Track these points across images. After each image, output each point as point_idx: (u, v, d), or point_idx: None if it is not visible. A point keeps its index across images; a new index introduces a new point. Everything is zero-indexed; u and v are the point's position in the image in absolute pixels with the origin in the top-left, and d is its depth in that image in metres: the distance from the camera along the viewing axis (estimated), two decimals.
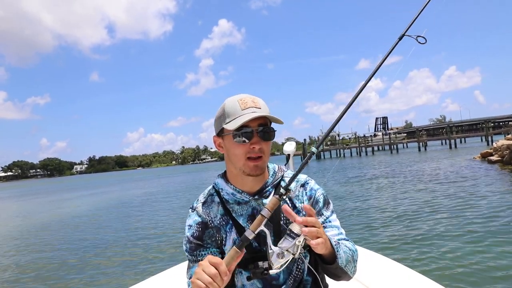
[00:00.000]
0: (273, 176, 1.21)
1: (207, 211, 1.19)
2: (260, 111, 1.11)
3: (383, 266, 2.50)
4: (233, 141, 1.11)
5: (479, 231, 6.28)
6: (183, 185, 28.03)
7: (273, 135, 1.14)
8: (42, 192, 42.04)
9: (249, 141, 1.09)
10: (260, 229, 0.97)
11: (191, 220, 1.19)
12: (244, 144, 1.10)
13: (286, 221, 1.16)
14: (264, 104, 1.15)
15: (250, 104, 1.11)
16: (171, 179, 40.91)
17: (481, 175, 14.11)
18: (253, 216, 1.15)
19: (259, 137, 1.10)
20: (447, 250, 5.49)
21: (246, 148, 1.10)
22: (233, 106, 1.12)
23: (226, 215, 1.17)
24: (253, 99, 1.14)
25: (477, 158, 21.20)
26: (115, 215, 14.41)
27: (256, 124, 1.10)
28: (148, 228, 10.42)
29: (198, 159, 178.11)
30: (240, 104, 1.11)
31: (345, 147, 58.67)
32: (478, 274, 4.49)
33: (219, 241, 1.17)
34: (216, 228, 1.17)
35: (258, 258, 1.10)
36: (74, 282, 6.15)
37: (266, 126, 1.12)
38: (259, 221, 0.97)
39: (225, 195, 1.19)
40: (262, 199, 1.16)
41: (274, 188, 1.20)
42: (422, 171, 18.19)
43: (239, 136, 1.09)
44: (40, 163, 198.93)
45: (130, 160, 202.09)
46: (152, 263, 6.74)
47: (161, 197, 20.07)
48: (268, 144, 1.13)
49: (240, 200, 1.17)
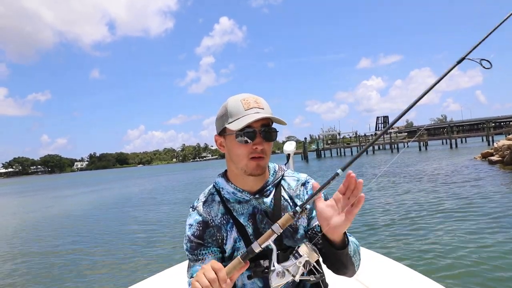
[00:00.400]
0: (273, 175, 1.22)
1: (208, 210, 1.19)
2: (263, 111, 1.11)
3: (383, 266, 2.50)
4: (235, 141, 1.11)
5: (480, 232, 6.29)
6: (183, 183, 28.06)
7: (275, 135, 1.14)
8: (43, 188, 42.15)
9: (252, 141, 1.09)
10: (267, 243, 0.96)
11: (191, 219, 1.19)
12: (247, 145, 1.10)
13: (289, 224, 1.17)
14: (267, 104, 1.15)
15: (253, 105, 1.11)
16: (171, 176, 40.95)
17: (481, 175, 14.10)
18: (254, 215, 1.16)
19: (262, 138, 1.10)
20: (448, 250, 5.50)
21: (248, 149, 1.10)
22: (236, 106, 1.12)
23: (227, 214, 1.18)
24: (256, 99, 1.14)
25: (477, 158, 21.18)
26: (114, 213, 14.44)
27: (259, 125, 1.10)
28: (148, 228, 10.44)
29: (199, 157, 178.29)
30: (243, 104, 1.11)
31: (345, 146, 58.72)
32: (479, 274, 4.49)
33: (220, 240, 1.17)
34: (217, 227, 1.17)
35: (259, 257, 1.08)
36: (74, 282, 6.13)
37: (269, 126, 1.12)
38: (268, 235, 0.96)
39: (225, 194, 1.19)
40: (263, 198, 1.17)
41: (275, 187, 1.20)
42: (422, 171, 18.20)
43: (242, 136, 1.09)
44: (41, 160, 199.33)
45: (131, 158, 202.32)
46: (152, 263, 6.74)
47: (161, 195, 20.11)
48: (270, 144, 1.14)
49: (240, 199, 1.17)
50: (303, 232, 1.19)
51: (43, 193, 32.24)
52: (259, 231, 1.15)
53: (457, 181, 12.91)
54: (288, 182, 1.24)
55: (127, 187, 29.68)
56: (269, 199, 1.18)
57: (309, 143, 66.95)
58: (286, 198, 1.20)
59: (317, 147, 57.55)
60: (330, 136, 69.97)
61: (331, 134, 71.82)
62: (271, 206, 1.17)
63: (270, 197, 1.18)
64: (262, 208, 1.17)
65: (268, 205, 1.17)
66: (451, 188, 11.57)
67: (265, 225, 1.16)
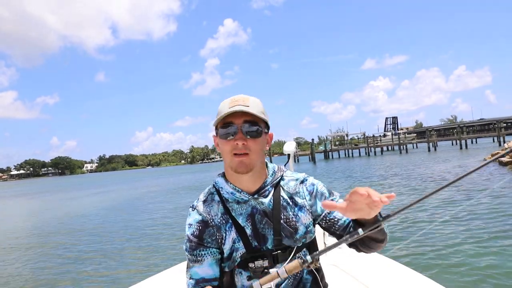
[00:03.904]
0: (272, 175, 1.22)
1: (208, 210, 1.19)
2: (247, 108, 1.10)
3: (383, 266, 2.50)
4: (220, 138, 1.14)
5: (482, 232, 6.23)
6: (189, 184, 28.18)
7: (258, 132, 1.13)
8: (57, 190, 42.64)
9: (233, 137, 1.11)
10: (268, 286, 0.96)
11: (191, 218, 1.20)
12: (229, 141, 1.11)
13: (287, 220, 1.17)
14: (256, 103, 1.15)
15: (238, 102, 1.12)
16: (179, 177, 41.12)
17: (491, 176, 13.91)
18: (253, 216, 1.16)
19: (243, 134, 1.10)
20: (448, 249, 5.47)
21: (231, 145, 1.11)
22: (223, 105, 1.14)
23: (226, 214, 1.18)
24: (244, 98, 1.14)
25: (487, 159, 20.85)
26: (118, 214, 14.54)
27: (242, 121, 1.11)
28: (148, 227, 10.53)
29: (207, 158, 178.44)
30: (230, 103, 1.13)
31: (353, 147, 58.22)
32: (480, 274, 4.47)
33: (219, 240, 1.17)
34: (217, 227, 1.17)
35: (258, 257, 1.12)
36: (73, 282, 6.21)
37: (252, 123, 1.12)
38: (271, 277, 0.96)
39: (224, 194, 1.19)
40: (262, 198, 1.17)
41: (274, 188, 1.21)
42: (430, 172, 18.00)
43: (223, 132, 1.12)
44: (52, 162, 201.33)
45: (140, 159, 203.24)
46: (152, 263, 6.79)
47: (165, 196, 20.24)
48: (255, 141, 1.13)
49: (239, 199, 1.17)
50: (303, 233, 1.18)
51: (59, 194, 32.67)
52: (258, 231, 1.15)
53: (463, 182, 12.75)
54: (287, 182, 1.24)
55: (135, 189, 29.88)
56: (267, 199, 1.18)
57: (317, 144, 66.58)
58: (286, 198, 1.20)
59: (325, 148, 57.21)
60: (338, 137, 69.48)
61: (340, 135, 71.32)
62: (270, 206, 1.17)
63: (269, 197, 1.18)
64: (261, 209, 1.17)
65: (267, 205, 1.17)
66: (457, 188, 11.43)
67: (264, 226, 1.16)
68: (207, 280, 1.15)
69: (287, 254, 1.14)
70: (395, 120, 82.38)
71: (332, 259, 2.61)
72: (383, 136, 63.47)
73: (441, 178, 15.17)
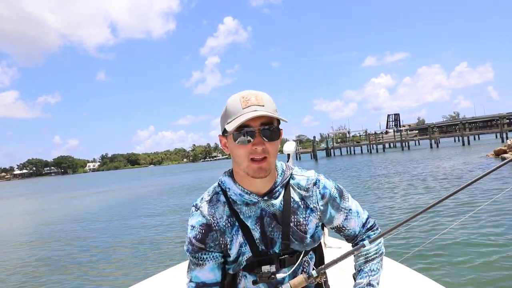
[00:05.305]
0: (281, 175, 1.16)
1: (212, 212, 1.12)
2: (263, 109, 1.03)
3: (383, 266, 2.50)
4: (235, 142, 1.05)
5: (484, 233, 6.20)
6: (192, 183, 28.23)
7: (277, 134, 1.06)
8: (60, 189, 42.83)
9: (251, 141, 1.03)
10: None
11: (194, 220, 1.13)
12: (246, 145, 1.03)
13: (297, 223, 1.13)
14: (270, 101, 1.07)
15: (252, 102, 1.03)
16: (180, 176, 41.19)
17: (493, 173, 13.84)
18: (262, 218, 1.11)
19: (261, 137, 1.03)
20: (448, 249, 5.46)
21: (248, 149, 1.03)
22: (234, 105, 1.05)
23: (232, 216, 1.11)
24: (256, 95, 1.06)
25: (490, 155, 20.79)
26: (119, 213, 14.54)
27: (259, 123, 1.03)
28: (149, 227, 10.54)
29: (209, 157, 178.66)
30: (242, 102, 1.04)
31: (355, 145, 58.11)
32: (480, 274, 4.46)
33: (223, 245, 1.11)
34: (221, 230, 1.11)
35: (265, 261, 1.09)
36: (73, 282, 6.20)
37: (270, 124, 1.04)
38: None
39: (232, 195, 1.12)
40: (272, 200, 1.12)
41: (284, 188, 1.15)
42: (433, 169, 17.95)
43: (240, 136, 1.03)
44: (54, 161, 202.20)
45: (142, 158, 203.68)
46: (152, 263, 6.79)
47: (165, 194, 20.29)
48: (273, 144, 1.05)
49: (248, 201, 1.11)
50: (312, 237, 1.15)
51: (63, 193, 32.83)
52: (266, 235, 1.11)
53: (467, 179, 12.70)
54: (297, 181, 1.18)
55: (137, 188, 29.97)
56: (278, 201, 1.12)
57: (319, 141, 66.50)
58: (297, 200, 1.15)
59: (327, 146, 57.17)
60: (340, 135, 69.39)
61: (341, 133, 71.21)
62: (281, 208, 1.12)
63: (279, 198, 1.13)
64: (270, 211, 1.11)
65: (277, 208, 1.12)
66: (453, 185, 11.41)
67: (273, 229, 1.11)
68: (208, 284, 1.12)
69: (294, 258, 1.12)
70: (397, 117, 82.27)
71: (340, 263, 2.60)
72: (385, 133, 63.37)
73: (444, 179, 15.09)
